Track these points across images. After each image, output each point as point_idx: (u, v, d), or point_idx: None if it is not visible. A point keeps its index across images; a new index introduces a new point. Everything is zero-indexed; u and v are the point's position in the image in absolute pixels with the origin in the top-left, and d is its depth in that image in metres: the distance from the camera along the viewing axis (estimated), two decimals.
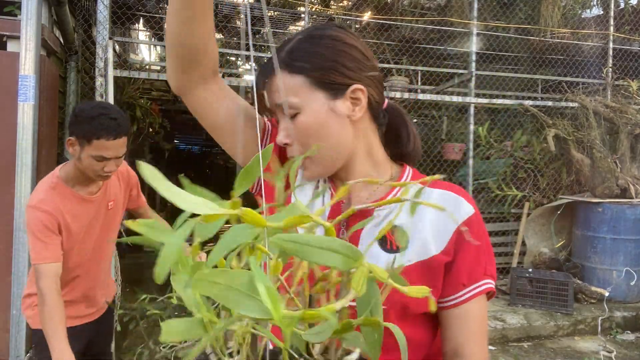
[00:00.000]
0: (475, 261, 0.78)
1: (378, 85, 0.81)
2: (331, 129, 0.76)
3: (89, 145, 1.59)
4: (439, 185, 0.81)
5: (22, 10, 2.80)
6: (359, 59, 0.77)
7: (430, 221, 0.78)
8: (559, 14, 5.82)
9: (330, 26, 0.80)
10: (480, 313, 0.78)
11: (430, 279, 0.77)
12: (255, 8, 5.64)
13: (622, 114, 5.18)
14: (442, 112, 6.24)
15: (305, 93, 0.75)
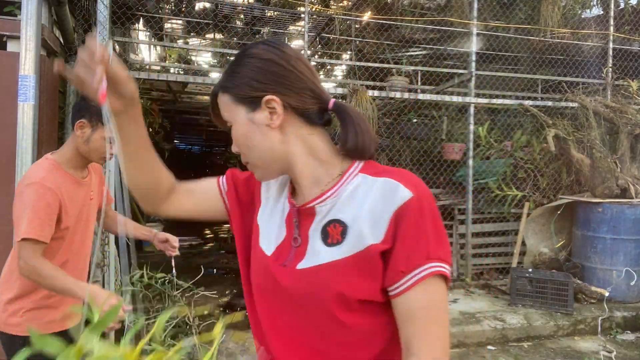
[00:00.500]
0: (415, 246, 0.76)
1: (302, 93, 0.84)
2: (254, 138, 0.85)
3: (102, 128, 1.70)
4: (385, 174, 0.82)
5: (22, 10, 2.80)
6: (274, 72, 0.83)
7: (368, 211, 0.79)
8: (559, 14, 5.82)
9: (255, 45, 0.87)
10: (427, 301, 0.76)
11: (369, 269, 0.77)
12: (255, 8, 5.64)
13: (622, 114, 5.18)
14: (442, 112, 6.24)
15: (231, 109, 0.86)
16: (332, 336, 0.80)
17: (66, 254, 1.79)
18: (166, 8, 6.06)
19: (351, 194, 0.82)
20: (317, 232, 0.83)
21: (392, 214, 0.77)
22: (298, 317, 0.83)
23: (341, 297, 0.78)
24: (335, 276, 0.78)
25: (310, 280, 0.80)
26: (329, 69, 8.47)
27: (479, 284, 5.11)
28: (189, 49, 7.70)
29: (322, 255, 0.80)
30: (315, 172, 0.87)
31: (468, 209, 5.19)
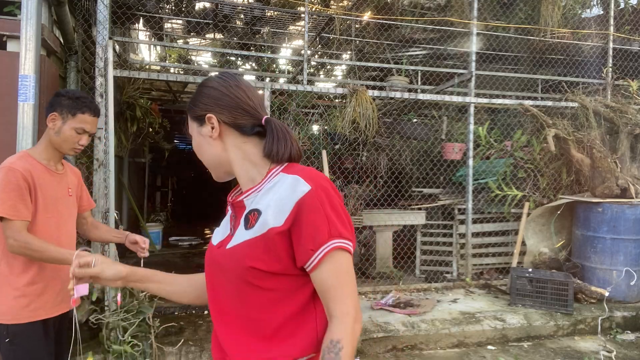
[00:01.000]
0: (317, 228, 0.95)
1: (235, 111, 1.08)
2: (203, 147, 1.12)
3: (72, 119, 1.86)
4: (296, 172, 1.02)
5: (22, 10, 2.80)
6: (214, 96, 1.09)
7: (275, 201, 0.99)
8: (559, 14, 5.82)
9: (211, 77, 1.15)
10: (334, 270, 0.96)
11: (270, 248, 0.98)
12: (255, 8, 5.64)
13: (622, 114, 5.18)
14: (442, 112, 6.24)
15: (190, 125, 1.14)
16: (250, 301, 1.01)
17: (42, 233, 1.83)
18: (166, 8, 6.06)
19: (269, 189, 1.03)
20: (242, 220, 1.05)
21: (294, 204, 0.96)
22: (226, 287, 1.05)
23: (252, 269, 0.98)
24: (247, 252, 1.00)
25: (232, 256, 1.03)
26: (329, 69, 8.46)
27: (479, 284, 5.12)
28: (189, 49, 7.70)
29: (241, 236, 1.02)
30: (250, 173, 1.10)
31: (468, 209, 5.19)
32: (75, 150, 1.92)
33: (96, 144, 3.78)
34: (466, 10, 5.75)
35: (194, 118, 1.12)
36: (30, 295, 1.80)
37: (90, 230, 2.21)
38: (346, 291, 0.96)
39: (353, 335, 0.95)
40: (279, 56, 7.29)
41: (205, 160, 1.14)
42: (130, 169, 7.33)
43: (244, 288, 1.01)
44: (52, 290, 1.87)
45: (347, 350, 0.93)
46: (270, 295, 1.00)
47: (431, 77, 6.26)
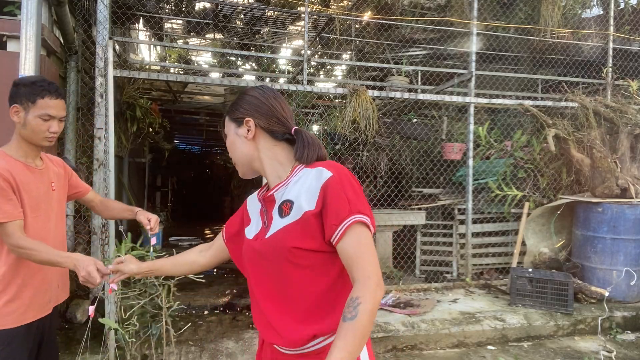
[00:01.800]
0: (339, 205, 1.10)
1: (270, 119, 1.28)
2: (236, 145, 1.30)
3: (34, 106, 1.74)
4: (318, 165, 1.20)
5: (22, 10, 2.81)
6: (255, 104, 1.29)
7: (305, 190, 1.17)
8: (559, 14, 5.82)
9: (252, 88, 1.34)
10: (356, 241, 1.09)
11: (307, 229, 1.14)
12: (255, 8, 5.64)
13: (622, 114, 5.18)
14: (442, 112, 6.24)
15: (227, 125, 1.33)
16: (291, 277, 1.17)
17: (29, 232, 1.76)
18: (166, 8, 6.06)
19: (296, 182, 1.21)
20: (276, 212, 1.22)
21: (320, 188, 1.14)
22: (269, 270, 1.20)
23: (293, 248, 1.15)
24: (287, 235, 1.16)
25: (272, 242, 1.19)
26: (329, 69, 8.46)
27: (479, 284, 5.12)
28: (189, 49, 7.70)
29: (279, 224, 1.19)
30: (277, 171, 1.28)
31: (468, 209, 5.20)
32: (49, 140, 1.80)
33: (96, 144, 3.78)
34: (466, 10, 5.75)
35: (233, 119, 1.31)
36: (19, 299, 1.73)
37: (102, 211, 2.17)
38: (367, 258, 1.07)
39: (374, 295, 1.02)
40: (279, 56, 7.29)
41: (236, 157, 1.32)
42: (130, 169, 7.33)
43: (286, 267, 1.16)
44: (40, 293, 1.81)
45: (367, 306, 1.01)
46: (308, 272, 1.16)
47: (431, 77, 6.26)
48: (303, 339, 1.15)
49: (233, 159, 1.33)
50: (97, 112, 3.76)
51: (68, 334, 3.58)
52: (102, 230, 3.71)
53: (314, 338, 1.16)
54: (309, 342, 1.16)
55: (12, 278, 1.73)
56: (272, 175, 1.28)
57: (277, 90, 5.11)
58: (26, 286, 1.76)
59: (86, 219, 4.13)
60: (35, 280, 1.79)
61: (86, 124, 4.26)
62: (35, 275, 1.79)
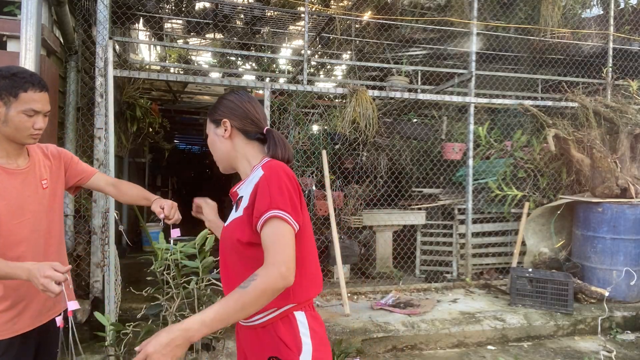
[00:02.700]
0: (262, 200, 1.23)
1: (244, 120, 1.42)
2: (216, 144, 1.46)
3: (16, 101, 1.55)
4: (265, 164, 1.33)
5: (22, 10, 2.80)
6: (229, 106, 1.43)
7: (249, 187, 1.32)
8: (559, 14, 5.82)
9: (231, 92, 1.49)
10: (272, 233, 1.20)
11: (244, 223, 1.29)
12: (255, 8, 5.64)
13: (622, 113, 5.18)
14: (442, 112, 6.23)
15: (208, 126, 1.50)
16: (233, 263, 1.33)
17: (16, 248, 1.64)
18: (166, 8, 6.06)
19: (250, 180, 1.35)
20: (237, 206, 1.37)
21: (254, 185, 1.29)
22: (225, 254, 1.37)
23: (236, 241, 1.30)
24: (235, 227, 1.32)
25: (226, 232, 1.36)
26: (329, 69, 8.46)
27: (479, 284, 5.12)
28: (189, 49, 7.70)
29: (231, 217, 1.37)
30: (245, 168, 1.43)
31: (468, 209, 5.20)
32: (34, 137, 1.63)
33: (96, 144, 3.78)
34: (466, 10, 5.75)
35: (212, 121, 1.46)
36: (14, 309, 1.63)
37: (116, 194, 1.96)
38: (277, 248, 1.17)
39: (269, 278, 1.13)
40: (279, 56, 7.29)
41: (215, 154, 1.47)
42: (130, 169, 7.33)
43: (231, 255, 1.33)
44: (36, 302, 1.70)
45: (258, 283, 1.12)
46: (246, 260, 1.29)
47: (431, 77, 6.26)
48: None
49: (214, 156, 1.48)
50: (97, 112, 3.76)
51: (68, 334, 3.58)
52: (102, 230, 3.71)
53: (256, 314, 1.28)
54: (254, 316, 1.29)
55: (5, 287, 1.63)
56: (242, 172, 1.44)
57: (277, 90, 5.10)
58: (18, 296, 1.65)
59: (86, 219, 4.13)
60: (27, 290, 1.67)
61: (86, 124, 4.25)
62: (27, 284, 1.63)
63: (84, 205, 4.10)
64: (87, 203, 4.04)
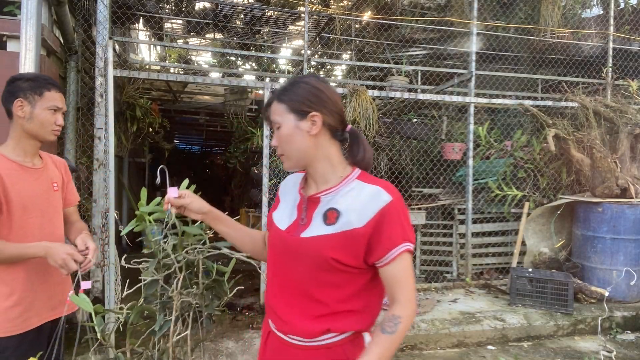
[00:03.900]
0: (394, 232, 1.15)
1: (334, 116, 1.24)
2: (294, 138, 1.22)
3: (41, 99, 1.73)
4: (373, 182, 1.22)
5: (22, 10, 2.80)
6: (320, 97, 1.22)
7: (357, 205, 1.18)
8: (559, 14, 5.82)
9: (309, 75, 1.27)
10: (402, 267, 1.16)
11: (350, 245, 1.16)
12: (255, 8, 5.64)
13: (622, 113, 5.18)
14: (442, 112, 6.23)
15: (284, 115, 1.23)
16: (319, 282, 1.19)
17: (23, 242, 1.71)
18: (166, 8, 6.06)
19: (347, 192, 1.21)
20: (319, 215, 1.22)
21: (378, 210, 1.15)
22: (297, 267, 1.22)
23: (331, 259, 1.16)
24: (328, 244, 1.17)
25: (309, 245, 1.19)
26: (329, 68, 8.46)
27: (479, 284, 5.12)
28: (189, 49, 7.70)
29: (320, 230, 1.19)
30: (327, 173, 1.26)
31: (468, 208, 5.20)
32: (55, 133, 1.78)
33: (96, 144, 3.78)
34: (466, 10, 5.75)
35: (293, 110, 1.22)
36: (21, 305, 1.69)
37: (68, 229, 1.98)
38: (410, 285, 1.17)
39: (411, 319, 1.14)
40: (279, 56, 7.30)
41: (290, 150, 1.24)
42: (130, 169, 7.33)
43: (317, 272, 1.18)
44: (44, 296, 1.76)
45: (404, 326, 1.12)
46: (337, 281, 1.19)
47: (431, 77, 6.26)
48: (315, 331, 1.19)
49: (284, 151, 1.25)
50: (97, 112, 3.76)
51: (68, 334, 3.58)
52: (102, 230, 3.71)
53: (328, 332, 1.19)
54: (322, 335, 1.19)
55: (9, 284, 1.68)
56: (319, 175, 1.26)
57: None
58: (24, 292, 1.70)
59: (86, 219, 4.13)
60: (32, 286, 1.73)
61: (86, 124, 4.25)
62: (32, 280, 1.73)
63: (84, 205, 4.10)
64: (87, 203, 4.04)
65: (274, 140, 1.27)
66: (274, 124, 1.25)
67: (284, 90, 1.25)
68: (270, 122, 1.28)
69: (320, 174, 1.26)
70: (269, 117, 1.27)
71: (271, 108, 1.26)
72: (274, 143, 1.27)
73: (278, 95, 1.25)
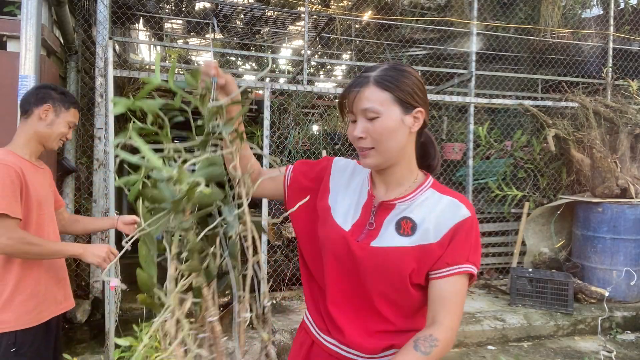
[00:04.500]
0: (461, 249, 1.04)
1: (428, 114, 1.11)
2: (397, 133, 1.06)
3: (66, 112, 1.86)
4: (449, 193, 1.11)
5: (22, 10, 2.80)
6: (423, 91, 1.09)
7: (435, 217, 1.07)
8: (559, 14, 5.82)
9: (407, 65, 1.11)
10: (456, 289, 1.04)
11: (424, 259, 1.05)
12: (255, 8, 5.64)
13: (622, 113, 5.18)
14: (442, 112, 6.24)
15: (387, 105, 1.05)
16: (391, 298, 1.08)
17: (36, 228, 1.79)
18: (166, 8, 6.06)
19: (422, 202, 1.10)
20: (391, 223, 1.09)
21: (454, 225, 1.05)
22: (363, 280, 1.09)
23: (408, 274, 1.05)
24: (405, 258, 1.05)
25: (383, 257, 1.06)
26: (329, 69, 8.46)
27: (479, 284, 5.11)
28: (189, 48, 7.70)
29: (394, 241, 1.07)
30: (403, 176, 1.13)
31: None
32: (60, 144, 1.90)
33: (96, 144, 3.78)
34: (466, 10, 5.75)
35: (400, 101, 1.05)
36: (36, 298, 1.75)
37: (71, 224, 2.10)
38: (458, 310, 1.04)
39: (447, 346, 1.01)
40: (279, 56, 7.30)
41: (386, 145, 1.06)
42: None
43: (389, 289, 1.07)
44: (52, 291, 1.83)
45: (439, 351, 0.99)
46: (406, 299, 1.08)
47: (431, 77, 6.26)
48: (378, 348, 1.10)
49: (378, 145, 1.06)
50: (97, 112, 3.76)
51: (68, 334, 3.58)
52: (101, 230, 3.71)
53: (391, 348, 1.10)
54: (385, 351, 1.11)
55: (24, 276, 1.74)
56: (396, 179, 1.12)
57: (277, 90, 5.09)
58: (39, 284, 1.78)
59: None
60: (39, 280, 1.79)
61: (86, 124, 4.25)
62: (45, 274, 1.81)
63: (84, 206, 4.10)
64: (87, 203, 4.04)
65: (359, 130, 1.06)
66: (367, 111, 1.05)
67: (386, 77, 1.06)
68: (354, 109, 1.07)
69: (397, 176, 1.12)
70: (357, 103, 1.06)
71: (364, 93, 1.05)
72: (359, 134, 1.06)
73: (378, 80, 1.06)
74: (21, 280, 1.72)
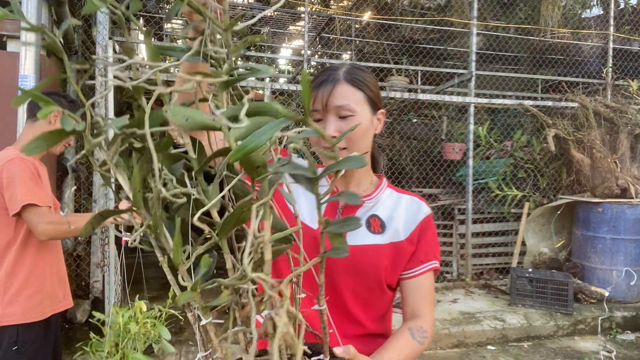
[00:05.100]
0: (430, 246, 1.09)
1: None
2: (369, 133, 1.06)
3: None
4: (405, 192, 1.16)
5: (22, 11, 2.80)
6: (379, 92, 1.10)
7: (401, 216, 1.09)
8: (559, 14, 5.82)
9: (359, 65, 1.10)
10: (430, 284, 1.09)
11: (397, 257, 1.06)
12: (255, 8, 5.64)
13: (622, 114, 5.18)
14: (442, 112, 6.24)
15: (361, 104, 1.03)
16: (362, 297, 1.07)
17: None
18: (166, 8, 6.06)
19: (384, 200, 1.12)
20: (361, 221, 1.05)
21: (419, 222, 1.09)
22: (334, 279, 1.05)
23: (382, 272, 1.04)
24: (379, 256, 1.05)
25: (358, 255, 1.03)
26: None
27: (479, 284, 5.12)
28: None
29: (368, 239, 1.05)
30: (363, 177, 1.13)
31: (468, 209, 5.19)
32: (61, 149, 2.00)
33: None
34: (466, 10, 5.76)
35: (370, 101, 1.03)
36: (41, 293, 1.80)
37: None
38: (432, 302, 1.10)
39: (431, 338, 1.06)
40: (279, 56, 7.30)
41: (359, 145, 1.03)
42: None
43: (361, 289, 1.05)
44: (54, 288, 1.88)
45: (427, 342, 1.04)
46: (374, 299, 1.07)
47: (431, 77, 6.26)
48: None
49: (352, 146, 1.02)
50: (97, 112, 3.76)
51: (68, 334, 3.58)
52: (101, 230, 3.71)
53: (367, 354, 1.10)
54: None
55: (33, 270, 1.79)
56: (356, 180, 1.12)
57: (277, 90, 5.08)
58: (45, 279, 1.83)
59: None
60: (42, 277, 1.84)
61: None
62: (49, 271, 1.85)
63: (84, 206, 4.10)
64: (87, 203, 4.04)
65: (333, 129, 1.00)
66: (342, 109, 0.99)
67: (356, 75, 1.03)
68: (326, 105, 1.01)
69: (357, 177, 1.11)
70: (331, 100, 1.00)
71: (338, 90, 1.00)
72: (333, 132, 0.99)
73: (349, 78, 1.02)
74: (30, 274, 1.78)
